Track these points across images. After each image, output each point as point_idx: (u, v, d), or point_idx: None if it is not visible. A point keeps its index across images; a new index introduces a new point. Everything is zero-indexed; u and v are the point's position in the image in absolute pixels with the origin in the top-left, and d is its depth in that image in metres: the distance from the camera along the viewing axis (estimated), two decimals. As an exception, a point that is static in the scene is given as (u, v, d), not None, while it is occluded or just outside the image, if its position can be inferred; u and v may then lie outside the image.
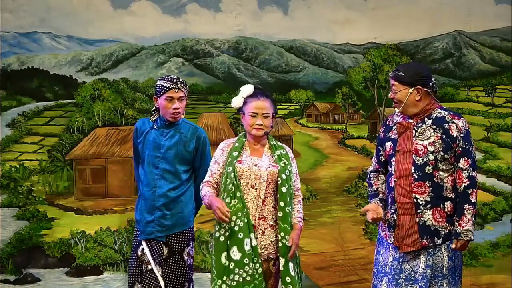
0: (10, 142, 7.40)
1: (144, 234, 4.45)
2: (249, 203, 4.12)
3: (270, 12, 7.41)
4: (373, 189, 4.21)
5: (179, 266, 4.46)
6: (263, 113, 4.16)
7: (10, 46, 7.42)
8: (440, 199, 3.96)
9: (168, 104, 4.40)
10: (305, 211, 7.18)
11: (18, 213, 7.27)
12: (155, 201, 4.42)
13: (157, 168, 4.44)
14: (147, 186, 4.46)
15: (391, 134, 4.10)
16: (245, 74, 7.56)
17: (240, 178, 4.12)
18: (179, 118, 4.47)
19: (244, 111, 4.21)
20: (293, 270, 4.10)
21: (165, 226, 4.43)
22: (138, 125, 4.59)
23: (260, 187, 4.13)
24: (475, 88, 7.47)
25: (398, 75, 4.01)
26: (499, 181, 7.21)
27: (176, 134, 4.47)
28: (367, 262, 6.68)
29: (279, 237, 4.11)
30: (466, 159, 3.96)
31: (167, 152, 4.44)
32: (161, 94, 4.41)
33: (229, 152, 4.18)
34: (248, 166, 4.13)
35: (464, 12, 7.22)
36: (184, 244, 4.49)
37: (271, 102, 4.23)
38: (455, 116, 4.01)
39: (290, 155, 4.29)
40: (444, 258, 3.98)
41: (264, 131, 4.18)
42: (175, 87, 4.40)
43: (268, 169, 4.14)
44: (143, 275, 4.42)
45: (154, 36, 7.53)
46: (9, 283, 7.08)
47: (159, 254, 4.42)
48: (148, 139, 4.48)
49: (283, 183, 4.13)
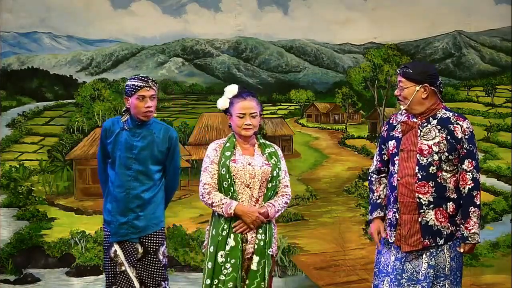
0: (10, 142, 7.40)
1: (117, 236, 4.39)
2: (244, 202, 4.14)
3: (270, 12, 7.41)
4: (375, 196, 4.20)
5: (155, 266, 4.44)
6: (251, 113, 4.17)
7: (10, 46, 7.42)
8: (443, 200, 3.95)
9: (140, 103, 4.35)
10: (305, 211, 7.27)
11: (18, 213, 7.27)
12: (129, 202, 4.37)
13: (129, 169, 4.37)
14: (119, 187, 4.38)
15: (395, 132, 4.09)
16: (245, 74, 7.56)
17: (235, 178, 4.14)
18: (151, 116, 4.43)
19: (231, 112, 4.21)
20: (258, 264, 4.12)
21: (139, 228, 4.39)
22: (107, 125, 4.50)
23: (254, 186, 4.15)
24: (475, 88, 7.46)
25: (406, 71, 4.00)
26: (499, 181, 7.21)
27: (148, 134, 4.42)
28: (367, 262, 6.68)
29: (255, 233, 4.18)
30: (470, 161, 3.95)
31: (140, 153, 4.39)
32: (132, 93, 4.36)
33: (222, 152, 4.18)
34: (243, 165, 4.15)
35: (464, 12, 7.21)
36: (159, 244, 4.46)
37: (257, 101, 4.25)
38: (460, 117, 4.01)
39: (279, 153, 4.31)
40: (446, 259, 3.98)
41: (253, 130, 4.20)
42: (147, 85, 4.38)
43: (262, 167, 4.16)
44: (117, 276, 4.39)
45: (154, 36, 7.53)
46: (9, 283, 7.08)
47: (132, 255, 4.39)
48: (120, 140, 4.41)
49: (272, 179, 4.17)
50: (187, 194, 7.35)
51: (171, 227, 7.16)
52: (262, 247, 4.14)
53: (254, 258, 4.13)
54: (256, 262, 4.12)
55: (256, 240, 4.15)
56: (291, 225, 7.16)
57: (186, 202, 7.31)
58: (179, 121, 7.49)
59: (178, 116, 7.57)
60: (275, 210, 4.18)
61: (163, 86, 7.50)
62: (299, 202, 7.27)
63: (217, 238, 4.15)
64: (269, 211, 4.15)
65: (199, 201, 4.28)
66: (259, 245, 4.14)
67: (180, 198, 7.36)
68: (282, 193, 4.26)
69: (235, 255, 4.09)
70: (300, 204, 7.28)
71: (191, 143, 7.43)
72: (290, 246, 7.08)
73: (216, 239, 4.15)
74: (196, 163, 7.41)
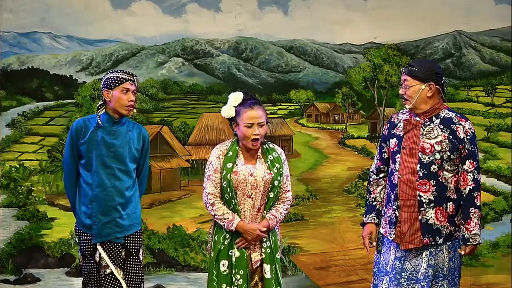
0: (10, 142, 7.40)
1: (101, 236, 4.32)
2: (246, 212, 4.14)
3: (270, 12, 7.40)
4: (371, 198, 4.21)
5: (137, 267, 4.41)
6: (259, 122, 4.12)
7: (10, 46, 7.42)
8: (443, 199, 3.96)
9: (124, 96, 4.30)
10: (305, 211, 7.26)
11: (18, 213, 7.26)
12: (110, 201, 4.31)
13: (109, 167, 4.31)
14: (99, 187, 4.30)
15: (396, 131, 4.09)
16: (245, 74, 7.56)
17: (237, 189, 4.12)
18: (133, 112, 4.38)
19: (238, 121, 4.15)
20: (270, 271, 4.13)
21: (123, 227, 4.34)
22: (78, 125, 4.38)
23: (256, 197, 4.14)
24: (475, 88, 7.45)
25: (411, 69, 4.00)
26: (499, 181, 7.21)
27: (124, 132, 4.37)
28: (367, 262, 6.68)
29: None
30: (471, 162, 3.96)
31: (118, 150, 4.33)
32: (116, 85, 4.29)
33: (224, 162, 4.14)
34: (244, 177, 4.12)
35: (464, 12, 7.20)
36: (140, 244, 4.44)
37: (263, 108, 4.19)
38: (462, 118, 4.02)
39: (282, 157, 4.27)
40: (445, 259, 3.98)
41: (260, 141, 4.16)
42: (131, 79, 4.33)
43: (264, 178, 4.13)
44: (102, 280, 4.33)
45: (154, 36, 7.52)
46: (9, 283, 7.08)
47: (117, 257, 4.34)
48: (95, 139, 4.32)
49: (272, 189, 4.15)
50: (187, 194, 7.35)
51: (171, 227, 7.17)
52: (269, 254, 4.14)
53: (266, 267, 4.12)
54: (269, 271, 4.12)
55: (263, 249, 4.14)
56: (291, 225, 7.16)
57: (186, 202, 7.31)
58: (179, 121, 7.49)
59: (178, 116, 7.56)
60: (276, 221, 4.19)
61: (163, 86, 7.50)
62: (299, 202, 7.27)
63: (218, 246, 4.15)
64: (271, 224, 4.15)
65: (199, 201, 4.30)
66: (267, 253, 4.14)
67: (180, 198, 7.36)
68: (283, 199, 4.24)
69: (242, 266, 4.09)
70: (300, 204, 7.28)
71: (191, 143, 7.43)
72: (290, 246, 7.08)
73: (217, 247, 4.15)
74: (196, 163, 7.41)
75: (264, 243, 4.14)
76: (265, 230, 4.13)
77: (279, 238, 4.29)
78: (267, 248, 4.14)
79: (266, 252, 4.14)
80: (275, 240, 4.20)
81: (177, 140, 7.43)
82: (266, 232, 4.14)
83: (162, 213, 7.24)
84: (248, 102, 4.16)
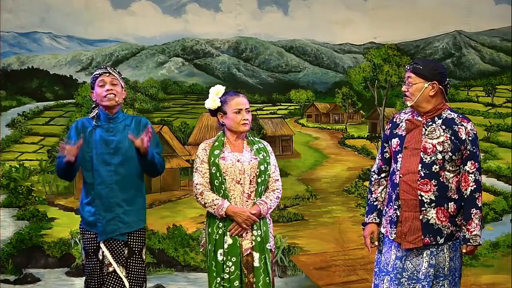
0: (10, 142, 7.40)
1: (105, 234, 4.34)
2: (236, 198, 4.22)
3: (270, 12, 7.40)
4: (373, 198, 4.22)
5: (140, 266, 4.41)
6: (246, 108, 4.31)
7: (10, 46, 7.42)
8: (445, 199, 3.96)
9: (101, 89, 4.36)
10: (305, 211, 7.26)
11: (18, 213, 7.26)
12: (114, 197, 4.34)
13: (109, 164, 4.34)
14: (101, 184, 4.34)
15: (398, 130, 4.10)
16: (245, 74, 7.56)
17: (225, 175, 4.22)
18: (115, 101, 4.37)
19: (226, 110, 4.31)
20: (259, 260, 4.19)
21: (127, 223, 4.35)
22: (78, 125, 4.46)
23: (244, 182, 4.23)
24: (475, 88, 7.46)
25: (416, 67, 4.00)
26: (499, 181, 7.21)
27: (122, 128, 4.40)
28: (367, 262, 6.68)
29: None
30: (473, 163, 3.96)
31: (117, 147, 4.36)
32: (94, 83, 4.40)
33: (210, 151, 4.27)
34: (232, 162, 4.24)
35: (464, 12, 7.21)
36: (143, 243, 4.45)
37: (246, 97, 4.39)
38: (464, 119, 4.03)
39: (269, 149, 4.40)
40: (446, 259, 3.99)
41: (249, 125, 4.31)
42: (105, 71, 4.40)
43: (251, 162, 4.25)
44: (104, 278, 4.34)
45: (154, 36, 7.52)
46: (9, 283, 7.08)
47: (120, 255, 4.35)
48: (94, 139, 4.38)
49: (260, 174, 4.24)
50: (187, 194, 7.35)
51: (171, 227, 7.17)
52: (259, 243, 4.22)
53: (255, 255, 4.20)
54: (257, 259, 4.19)
55: (253, 236, 4.21)
56: (291, 225, 7.16)
57: (186, 202, 7.31)
58: (179, 121, 7.49)
59: (178, 116, 7.56)
60: (267, 207, 4.25)
61: (163, 86, 7.50)
62: (299, 202, 7.27)
63: (213, 236, 4.23)
64: (261, 209, 4.23)
65: (199, 201, 4.32)
66: (257, 241, 4.21)
67: (180, 198, 7.36)
68: (273, 188, 4.33)
69: (235, 253, 4.17)
70: (300, 204, 7.28)
71: (191, 143, 7.43)
72: (290, 246, 7.08)
73: (213, 237, 4.23)
74: (196, 163, 7.41)
75: (255, 231, 4.21)
76: (256, 214, 4.18)
77: (270, 231, 4.33)
78: (257, 236, 4.22)
79: (256, 241, 4.21)
80: (266, 231, 4.27)
81: (177, 140, 7.43)
82: (257, 216, 4.17)
83: (162, 213, 7.24)
84: (230, 92, 4.39)
